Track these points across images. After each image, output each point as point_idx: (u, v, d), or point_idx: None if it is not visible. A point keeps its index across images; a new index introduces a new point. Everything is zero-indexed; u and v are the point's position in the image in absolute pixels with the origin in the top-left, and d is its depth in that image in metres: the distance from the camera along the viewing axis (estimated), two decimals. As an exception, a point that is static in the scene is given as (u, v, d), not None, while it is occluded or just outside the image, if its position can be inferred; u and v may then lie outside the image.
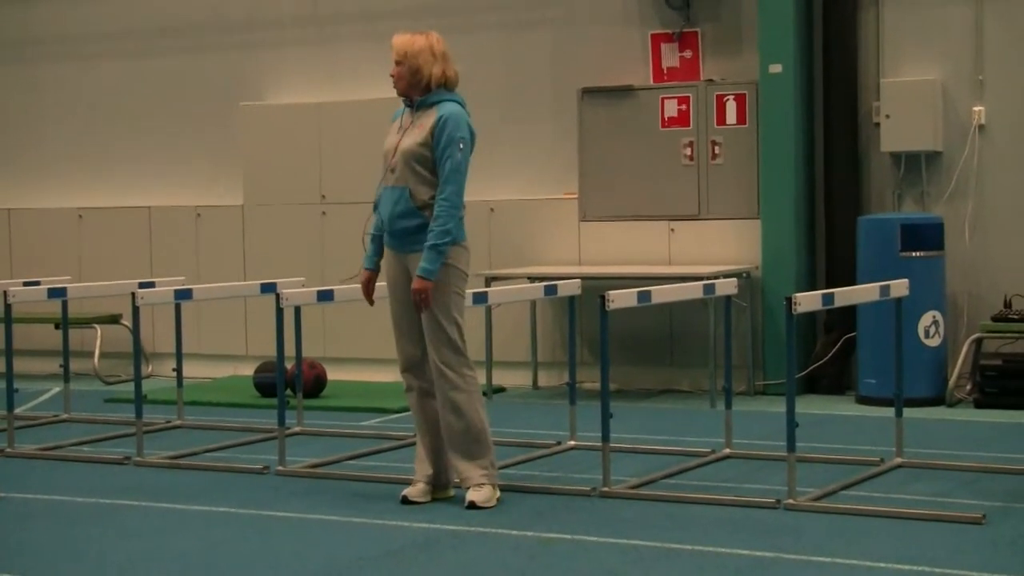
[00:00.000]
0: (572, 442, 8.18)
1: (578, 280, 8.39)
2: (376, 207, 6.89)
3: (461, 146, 6.67)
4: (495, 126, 11.06)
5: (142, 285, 9.10)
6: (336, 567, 5.76)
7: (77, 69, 12.77)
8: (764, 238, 10.28)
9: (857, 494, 6.84)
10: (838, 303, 7.37)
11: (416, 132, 6.73)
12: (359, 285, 7.06)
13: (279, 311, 7.61)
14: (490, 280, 10.10)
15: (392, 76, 6.84)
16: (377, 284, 6.98)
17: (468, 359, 6.76)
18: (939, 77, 10.10)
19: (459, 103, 6.80)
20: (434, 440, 6.85)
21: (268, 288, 8.79)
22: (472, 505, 6.62)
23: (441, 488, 6.89)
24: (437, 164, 6.67)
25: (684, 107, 10.56)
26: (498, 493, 6.76)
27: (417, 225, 6.68)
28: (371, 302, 7.04)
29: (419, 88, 6.79)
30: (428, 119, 6.73)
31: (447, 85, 6.81)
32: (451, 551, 5.99)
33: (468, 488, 6.70)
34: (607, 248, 10.77)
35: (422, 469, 6.86)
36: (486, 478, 6.71)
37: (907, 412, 7.70)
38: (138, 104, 12.54)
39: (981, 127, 10.07)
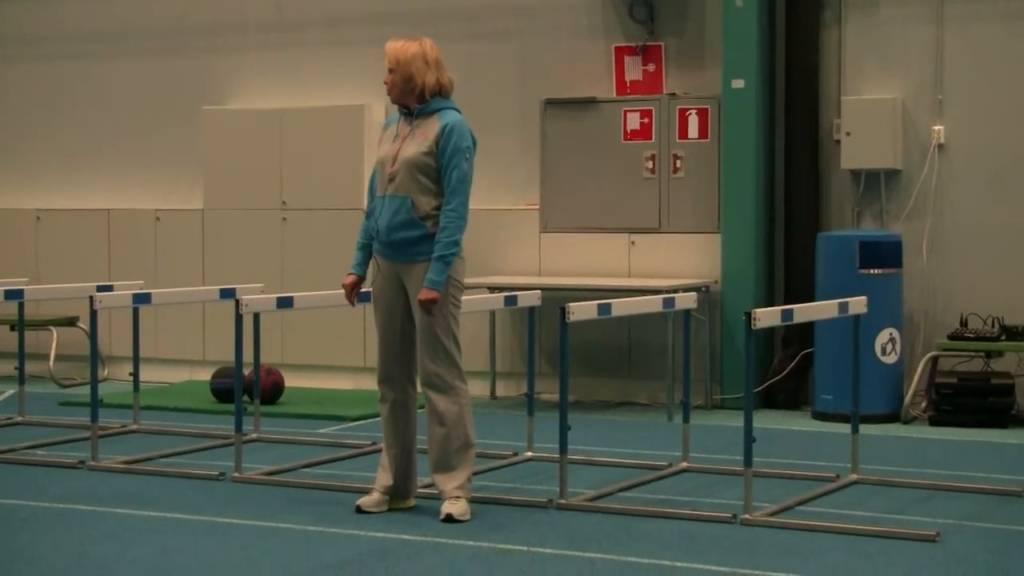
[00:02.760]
0: (529, 453, 8.18)
1: (538, 291, 8.40)
2: (369, 215, 6.80)
3: (467, 156, 6.58)
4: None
5: (100, 288, 9.06)
6: (291, 575, 5.74)
7: (38, 70, 12.70)
8: (724, 252, 10.31)
9: (813, 510, 6.87)
10: (797, 319, 7.40)
11: (418, 141, 6.62)
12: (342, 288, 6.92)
13: (238, 317, 7.58)
14: (450, 289, 10.08)
15: (385, 83, 6.71)
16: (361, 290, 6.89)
17: (462, 371, 6.70)
18: (899, 96, 10.17)
19: (458, 111, 6.72)
20: (400, 452, 6.81)
21: (227, 294, 8.77)
22: (449, 518, 6.57)
23: (401, 498, 6.86)
24: (442, 174, 6.58)
25: (646, 120, 10.59)
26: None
27: (418, 236, 6.60)
28: (352, 303, 6.90)
29: (413, 96, 6.66)
30: (430, 128, 6.63)
31: (442, 93, 6.69)
32: (406, 561, 5.98)
33: (444, 500, 6.67)
34: (567, 259, 10.78)
35: (382, 479, 6.83)
36: (461, 491, 6.67)
37: (863, 428, 7.74)
38: (99, 106, 12.49)
39: (940, 146, 10.14)
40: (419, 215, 6.60)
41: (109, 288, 9.31)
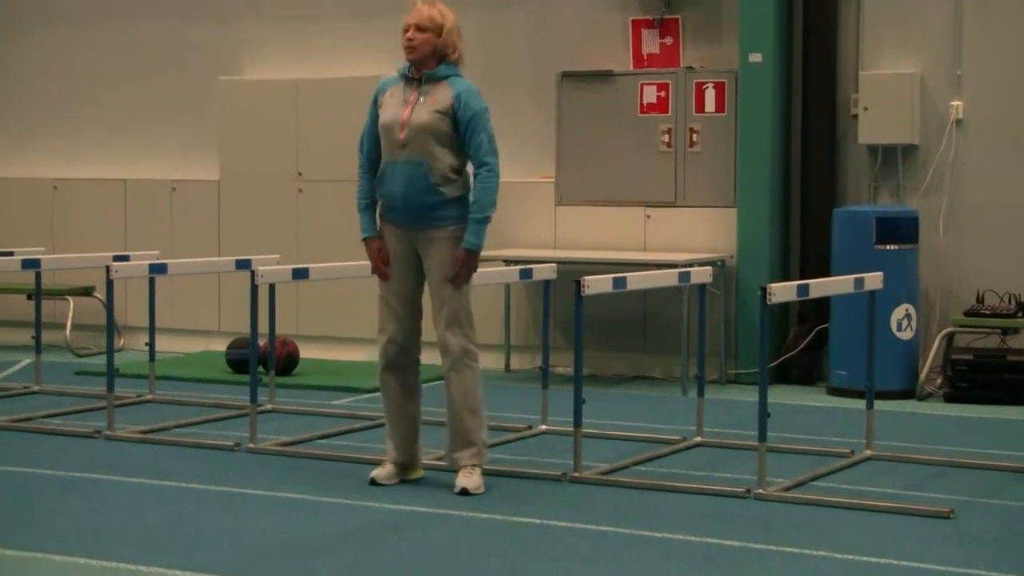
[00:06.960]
0: (543, 426, 8.19)
1: (553, 264, 8.40)
2: (366, 175, 6.74)
3: (488, 117, 6.60)
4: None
5: (116, 258, 9.07)
6: (304, 545, 5.76)
7: (55, 38, 12.69)
8: (740, 227, 10.29)
9: (827, 485, 6.87)
10: (813, 294, 7.38)
11: (429, 105, 6.58)
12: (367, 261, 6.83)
13: (253, 288, 7.59)
14: (465, 262, 10.08)
15: (409, 39, 6.61)
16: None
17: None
18: (918, 71, 10.12)
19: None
20: (411, 428, 6.84)
21: (243, 264, 8.78)
22: (464, 491, 6.58)
23: (410, 469, 6.87)
24: (464, 139, 6.55)
25: (663, 93, 10.55)
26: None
27: (435, 202, 6.58)
28: (386, 276, 6.69)
29: (432, 61, 6.65)
30: (441, 93, 6.60)
31: (459, 62, 6.73)
32: (420, 533, 5.99)
33: (458, 471, 6.67)
34: (582, 232, 10.77)
35: (393, 454, 6.85)
36: (476, 458, 6.67)
37: (877, 404, 7.73)
38: (116, 75, 12.48)
39: (958, 122, 10.10)
40: (435, 181, 6.58)
41: (125, 258, 9.32)
